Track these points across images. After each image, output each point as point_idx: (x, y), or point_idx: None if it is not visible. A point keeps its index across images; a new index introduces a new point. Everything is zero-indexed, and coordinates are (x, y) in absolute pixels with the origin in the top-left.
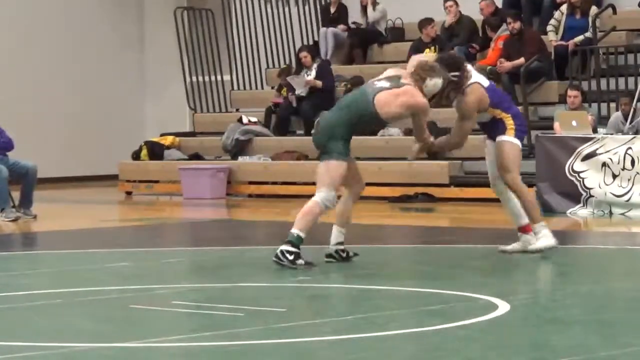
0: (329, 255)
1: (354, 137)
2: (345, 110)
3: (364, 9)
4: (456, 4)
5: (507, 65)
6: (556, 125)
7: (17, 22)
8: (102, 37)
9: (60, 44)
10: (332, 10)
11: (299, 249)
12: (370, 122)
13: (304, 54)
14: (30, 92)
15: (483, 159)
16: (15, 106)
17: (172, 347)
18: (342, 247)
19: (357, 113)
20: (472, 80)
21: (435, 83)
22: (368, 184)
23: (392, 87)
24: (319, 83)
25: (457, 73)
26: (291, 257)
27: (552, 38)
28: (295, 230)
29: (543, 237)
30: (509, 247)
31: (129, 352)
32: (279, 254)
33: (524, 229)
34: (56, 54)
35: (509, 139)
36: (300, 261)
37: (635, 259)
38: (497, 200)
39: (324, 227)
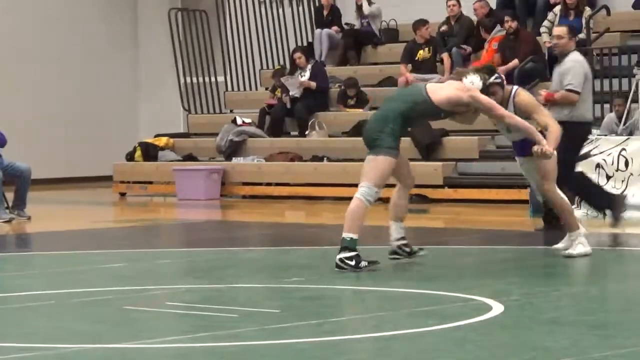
0: (393, 252)
1: (350, 139)
2: (398, 101)
3: (359, 8)
4: (459, 3)
5: (501, 69)
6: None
7: (11, 22)
8: (96, 38)
9: (53, 44)
10: (325, 12)
11: (356, 250)
12: (424, 112)
13: (298, 55)
14: (23, 93)
15: (476, 160)
16: (9, 107)
17: (166, 347)
18: (404, 241)
19: (411, 102)
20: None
21: (472, 80)
22: (354, 186)
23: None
24: (313, 84)
25: (497, 75)
26: (352, 263)
27: (545, 39)
28: (346, 234)
29: (579, 245)
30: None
31: (123, 352)
32: (340, 263)
33: None
34: (50, 55)
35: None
36: (362, 263)
37: (629, 260)
38: (491, 202)
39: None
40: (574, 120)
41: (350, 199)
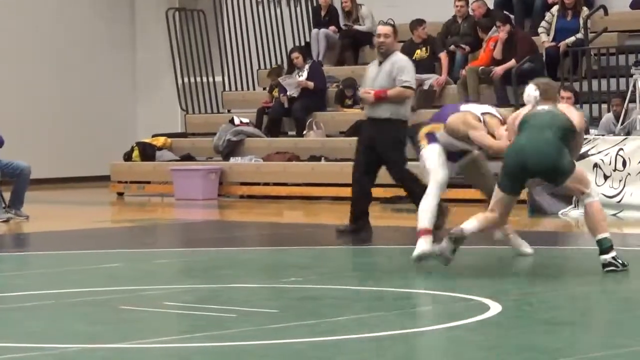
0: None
1: (347, 139)
2: (554, 128)
3: (347, 14)
4: (467, 4)
5: (499, 70)
6: None
7: (8, 22)
8: (93, 37)
9: (52, 44)
10: (323, 13)
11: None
12: (569, 138)
13: (295, 54)
14: (22, 93)
15: None
16: (6, 106)
17: (164, 347)
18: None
19: (562, 129)
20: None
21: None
22: (346, 185)
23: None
24: (310, 84)
25: None
26: (620, 261)
27: (544, 39)
28: (604, 235)
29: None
30: None
31: (120, 353)
32: (612, 260)
33: None
34: (47, 55)
35: None
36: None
37: (627, 261)
38: (485, 201)
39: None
40: (399, 119)
41: (347, 198)
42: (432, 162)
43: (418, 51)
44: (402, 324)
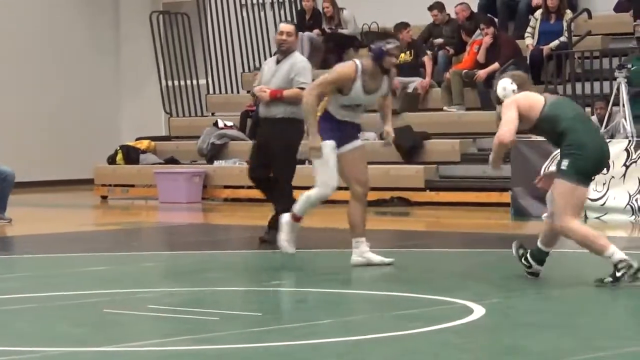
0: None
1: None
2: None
3: (329, 18)
4: (440, 11)
5: (483, 74)
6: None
7: None
8: (78, 40)
9: (36, 47)
10: (307, 16)
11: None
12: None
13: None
14: (5, 96)
15: (458, 163)
16: None
17: (148, 351)
18: None
19: None
20: None
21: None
22: (344, 189)
23: None
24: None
25: None
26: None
27: (529, 42)
28: None
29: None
30: None
31: (104, 356)
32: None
33: None
34: (31, 58)
35: None
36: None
37: (609, 263)
38: (472, 204)
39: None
40: (296, 117)
41: (335, 202)
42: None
43: (402, 54)
44: (386, 327)
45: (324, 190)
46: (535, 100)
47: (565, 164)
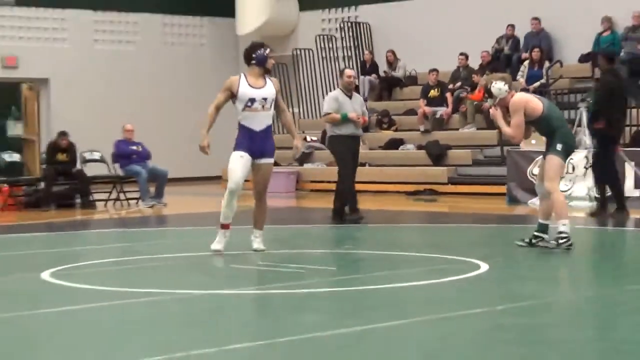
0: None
1: (384, 151)
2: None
3: (389, 63)
4: (466, 57)
5: (487, 104)
6: (521, 143)
7: (152, 72)
8: (211, 81)
9: (185, 92)
10: (367, 65)
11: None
12: None
13: None
14: (163, 118)
15: (470, 165)
16: (153, 128)
17: (254, 294)
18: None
19: None
20: None
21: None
22: (392, 183)
23: None
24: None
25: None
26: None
27: (521, 82)
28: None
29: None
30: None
31: (222, 298)
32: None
33: None
34: (182, 100)
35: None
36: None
37: (575, 234)
38: (480, 194)
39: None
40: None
41: (384, 192)
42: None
43: (432, 91)
44: (419, 277)
45: None
46: (537, 103)
47: (559, 147)
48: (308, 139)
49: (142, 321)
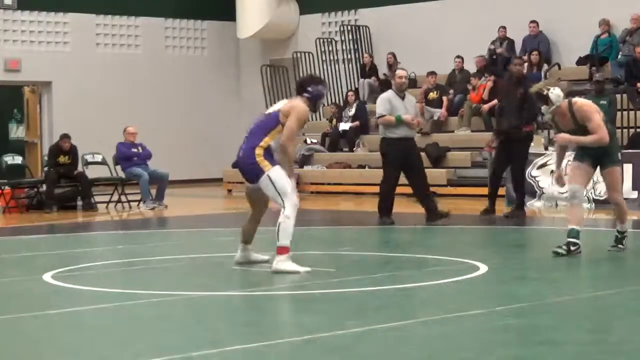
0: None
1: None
2: None
3: (390, 66)
4: (462, 60)
5: (486, 107)
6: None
7: (153, 75)
8: (212, 88)
9: (186, 96)
10: (367, 68)
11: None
12: None
13: (350, 93)
14: (164, 121)
15: (469, 167)
16: (155, 131)
17: (258, 295)
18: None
19: None
20: None
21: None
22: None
23: None
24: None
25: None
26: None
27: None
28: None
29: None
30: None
31: (229, 298)
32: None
33: None
34: (183, 103)
35: None
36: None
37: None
38: (479, 196)
39: None
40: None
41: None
42: (285, 186)
43: (431, 93)
44: (420, 278)
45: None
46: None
47: (619, 156)
48: (308, 141)
49: (144, 323)
